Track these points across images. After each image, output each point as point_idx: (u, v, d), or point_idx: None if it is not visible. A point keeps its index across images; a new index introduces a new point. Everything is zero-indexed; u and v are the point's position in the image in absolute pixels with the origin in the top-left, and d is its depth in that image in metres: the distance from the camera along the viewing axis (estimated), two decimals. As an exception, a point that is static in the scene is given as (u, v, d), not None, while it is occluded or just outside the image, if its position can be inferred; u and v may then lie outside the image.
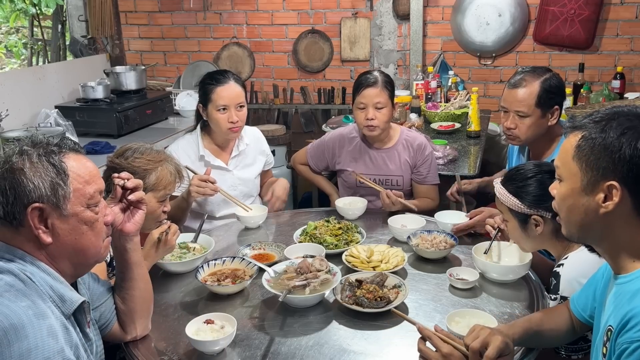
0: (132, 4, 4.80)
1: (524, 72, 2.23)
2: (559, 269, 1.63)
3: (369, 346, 1.54)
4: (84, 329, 1.32)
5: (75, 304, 1.26)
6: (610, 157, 1.12)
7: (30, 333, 1.12)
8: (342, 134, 2.72)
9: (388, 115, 2.53)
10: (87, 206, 1.27)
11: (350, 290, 1.73)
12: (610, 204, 1.14)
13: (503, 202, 1.75)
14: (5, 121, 3.30)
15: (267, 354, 1.51)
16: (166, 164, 1.95)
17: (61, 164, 1.24)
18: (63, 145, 1.28)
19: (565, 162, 1.22)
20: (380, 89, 2.49)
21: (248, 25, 4.66)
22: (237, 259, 1.93)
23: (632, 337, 1.07)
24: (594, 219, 1.18)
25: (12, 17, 5.48)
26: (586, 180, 1.17)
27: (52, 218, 1.23)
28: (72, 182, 1.24)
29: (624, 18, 3.98)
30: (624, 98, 3.70)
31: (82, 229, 1.27)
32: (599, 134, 1.15)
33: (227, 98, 2.44)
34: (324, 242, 2.07)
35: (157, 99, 3.97)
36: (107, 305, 1.52)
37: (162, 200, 1.96)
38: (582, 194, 1.18)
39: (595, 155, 1.15)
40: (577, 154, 1.18)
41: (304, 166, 2.84)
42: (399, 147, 2.61)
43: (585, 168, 1.16)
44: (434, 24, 4.35)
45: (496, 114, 4.17)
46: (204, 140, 2.57)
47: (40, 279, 1.22)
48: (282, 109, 4.66)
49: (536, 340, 1.49)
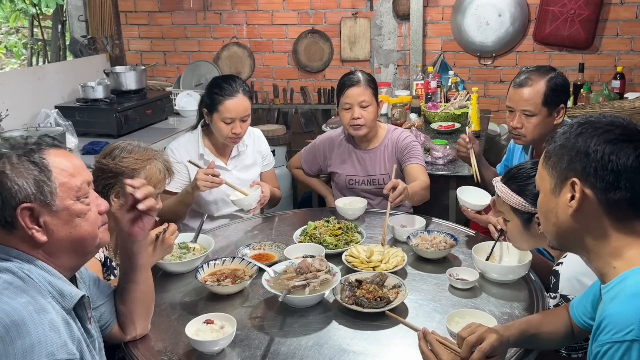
0: (132, 4, 4.80)
1: (529, 71, 2.23)
2: (559, 267, 1.63)
3: (369, 346, 1.54)
4: (86, 324, 1.32)
5: (75, 298, 1.26)
6: (569, 155, 1.17)
7: (32, 329, 1.12)
8: (331, 137, 2.75)
9: (374, 113, 2.55)
10: (76, 198, 1.27)
11: (350, 290, 1.73)
12: (575, 202, 1.16)
13: (505, 201, 1.74)
14: (5, 121, 3.30)
15: (267, 354, 1.51)
16: (154, 161, 1.91)
17: (42, 160, 1.24)
18: (42, 143, 1.28)
19: (539, 172, 1.26)
20: (363, 88, 2.51)
21: (248, 25, 4.66)
22: (237, 259, 1.93)
23: (602, 339, 1.07)
24: (566, 221, 1.19)
25: (12, 17, 5.48)
26: (553, 183, 1.20)
27: (44, 216, 1.23)
28: (57, 177, 1.24)
29: (624, 18, 3.97)
30: (624, 98, 3.71)
31: (76, 222, 1.28)
32: (561, 136, 1.20)
33: (234, 112, 2.44)
34: (324, 242, 2.07)
35: (157, 99, 3.97)
36: (107, 306, 1.52)
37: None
38: (552, 197, 1.21)
39: (557, 156, 1.19)
40: (545, 159, 1.23)
41: (299, 170, 2.87)
42: (384, 147, 2.63)
43: (552, 171, 1.21)
44: (434, 24, 4.35)
45: (496, 114, 4.17)
46: (204, 140, 2.58)
47: (38, 276, 1.22)
48: (282, 109, 4.66)
49: (533, 343, 1.49)
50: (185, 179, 2.51)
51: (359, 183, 2.66)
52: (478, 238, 2.19)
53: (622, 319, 1.05)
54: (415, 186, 2.39)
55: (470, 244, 2.08)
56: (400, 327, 1.61)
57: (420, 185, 2.42)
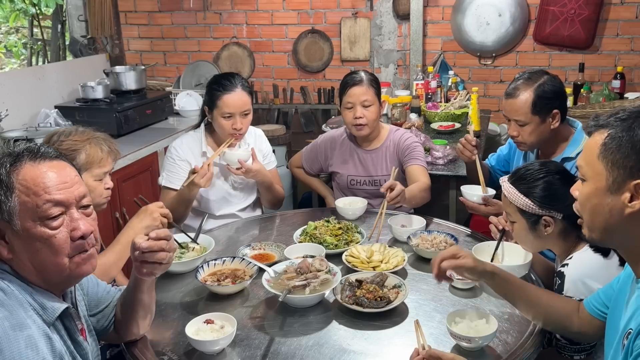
0: (132, 4, 4.79)
1: (520, 78, 2.21)
2: (564, 268, 1.63)
3: (369, 346, 1.54)
4: (75, 336, 1.28)
5: (57, 311, 1.21)
6: (638, 156, 1.11)
7: (5, 347, 1.08)
8: (333, 136, 2.74)
9: (376, 113, 2.54)
10: (39, 220, 1.17)
11: (350, 290, 1.73)
12: (637, 204, 1.12)
13: (513, 202, 1.73)
14: (5, 121, 3.30)
15: (267, 354, 1.51)
16: (94, 140, 1.88)
17: (8, 177, 1.16)
18: (24, 155, 1.19)
19: (589, 161, 1.19)
20: (366, 87, 2.51)
21: (248, 25, 4.66)
22: (237, 259, 1.93)
23: None
24: (619, 219, 1.15)
25: (11, 17, 5.47)
26: (612, 179, 1.14)
27: (8, 233, 1.18)
28: (19, 195, 1.16)
29: (624, 18, 3.97)
30: (624, 98, 3.70)
31: (36, 246, 1.18)
32: (626, 132, 1.13)
33: (232, 106, 2.44)
34: (324, 242, 2.07)
35: (156, 99, 3.97)
36: (105, 312, 1.51)
37: (99, 179, 1.90)
38: (607, 194, 1.15)
39: (622, 153, 1.12)
40: (603, 152, 1.16)
41: (300, 169, 2.87)
42: (386, 147, 2.62)
43: (611, 167, 1.14)
44: (434, 24, 4.34)
45: (496, 114, 4.17)
46: (207, 138, 2.58)
47: (19, 287, 1.18)
48: (282, 109, 4.66)
49: (510, 297, 1.55)
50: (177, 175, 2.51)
51: (360, 183, 2.65)
52: (478, 238, 2.19)
53: None
54: (414, 189, 2.37)
55: (470, 244, 2.08)
56: (401, 327, 1.62)
57: (420, 187, 2.40)
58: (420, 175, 2.49)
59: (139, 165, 3.39)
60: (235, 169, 2.43)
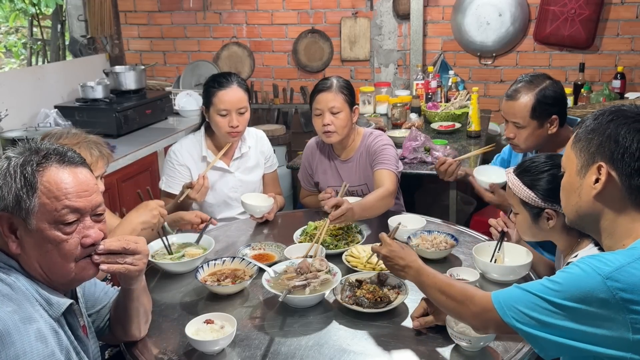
0: (131, 4, 4.79)
1: (522, 81, 2.20)
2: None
3: (369, 346, 1.54)
4: (77, 332, 1.29)
5: (63, 307, 1.23)
6: (598, 140, 1.22)
7: (17, 339, 1.10)
8: (310, 146, 2.67)
9: (345, 121, 2.43)
10: (54, 223, 1.19)
11: (351, 290, 1.73)
12: (599, 185, 1.22)
13: (516, 194, 1.73)
14: (5, 121, 3.30)
15: (267, 354, 1.50)
16: (85, 144, 1.85)
17: (32, 176, 1.18)
18: (51, 157, 1.21)
19: (566, 153, 1.32)
20: (334, 94, 2.41)
21: (248, 25, 4.66)
22: (237, 259, 1.93)
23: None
24: (588, 202, 1.25)
25: (11, 17, 5.47)
26: (580, 164, 1.26)
27: (20, 229, 1.20)
28: (41, 196, 1.18)
29: (625, 18, 3.97)
30: (624, 98, 3.70)
31: (47, 247, 1.20)
32: (593, 121, 1.26)
33: (228, 103, 2.42)
34: (324, 242, 2.07)
35: (156, 99, 3.97)
36: (101, 313, 1.51)
37: None
38: (577, 178, 1.27)
39: (587, 140, 1.25)
40: (574, 141, 1.29)
41: (307, 197, 2.75)
42: (360, 154, 2.53)
43: (579, 153, 1.26)
44: (434, 24, 4.34)
45: (496, 114, 4.17)
46: (207, 141, 2.56)
47: (25, 283, 1.20)
48: (282, 108, 4.66)
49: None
50: (187, 181, 2.49)
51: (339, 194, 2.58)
52: (479, 238, 2.19)
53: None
54: (370, 199, 2.24)
55: (470, 244, 2.07)
56: (400, 327, 1.61)
57: (378, 195, 2.26)
58: (384, 179, 2.35)
59: (138, 165, 3.39)
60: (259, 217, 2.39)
